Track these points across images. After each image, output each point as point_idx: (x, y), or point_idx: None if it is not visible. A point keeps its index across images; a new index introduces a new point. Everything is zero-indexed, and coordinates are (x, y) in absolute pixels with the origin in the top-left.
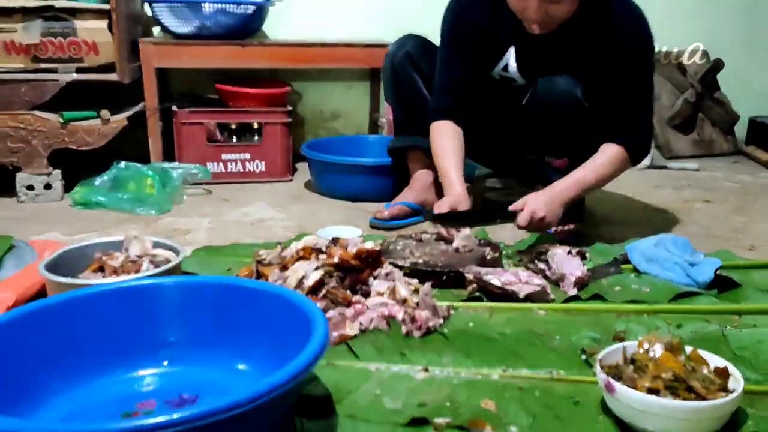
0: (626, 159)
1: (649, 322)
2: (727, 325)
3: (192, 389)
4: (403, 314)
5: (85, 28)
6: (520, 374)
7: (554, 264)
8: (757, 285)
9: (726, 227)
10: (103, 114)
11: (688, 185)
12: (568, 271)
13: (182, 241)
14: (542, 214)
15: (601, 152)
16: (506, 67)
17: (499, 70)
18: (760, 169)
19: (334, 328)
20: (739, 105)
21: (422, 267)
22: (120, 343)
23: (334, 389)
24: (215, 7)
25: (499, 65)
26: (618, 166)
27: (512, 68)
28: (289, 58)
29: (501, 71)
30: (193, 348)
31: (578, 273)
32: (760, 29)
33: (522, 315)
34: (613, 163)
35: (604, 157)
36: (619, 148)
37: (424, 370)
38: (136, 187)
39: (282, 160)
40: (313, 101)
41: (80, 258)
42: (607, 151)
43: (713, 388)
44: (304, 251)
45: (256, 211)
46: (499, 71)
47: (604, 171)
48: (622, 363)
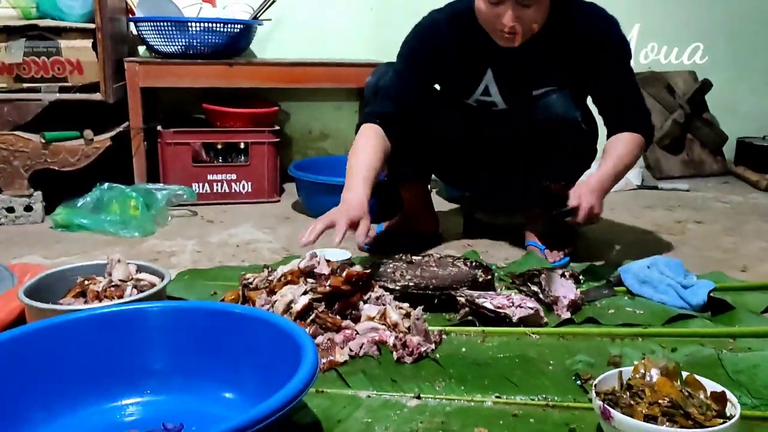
0: (643, 143)
1: (643, 345)
2: (722, 349)
3: (176, 419)
4: (394, 339)
5: (69, 48)
6: (514, 401)
7: (547, 287)
8: (750, 307)
9: (718, 248)
10: (87, 134)
11: (679, 206)
12: (561, 294)
13: (166, 264)
14: (598, 209)
15: (619, 142)
16: (486, 90)
17: (477, 96)
18: (749, 190)
19: (323, 354)
20: (726, 126)
21: (413, 290)
22: (103, 372)
23: (323, 417)
24: (202, 26)
25: (478, 90)
26: (638, 152)
27: (493, 91)
28: (277, 78)
29: (480, 96)
30: (178, 376)
31: (572, 296)
32: (746, 49)
33: (515, 339)
34: (634, 149)
35: (626, 147)
36: (635, 135)
37: (416, 398)
38: (120, 208)
39: (269, 180)
40: (301, 121)
41: (61, 282)
42: (624, 139)
43: (710, 414)
44: (292, 275)
45: (243, 233)
46: (478, 96)
47: (629, 159)
48: (618, 389)
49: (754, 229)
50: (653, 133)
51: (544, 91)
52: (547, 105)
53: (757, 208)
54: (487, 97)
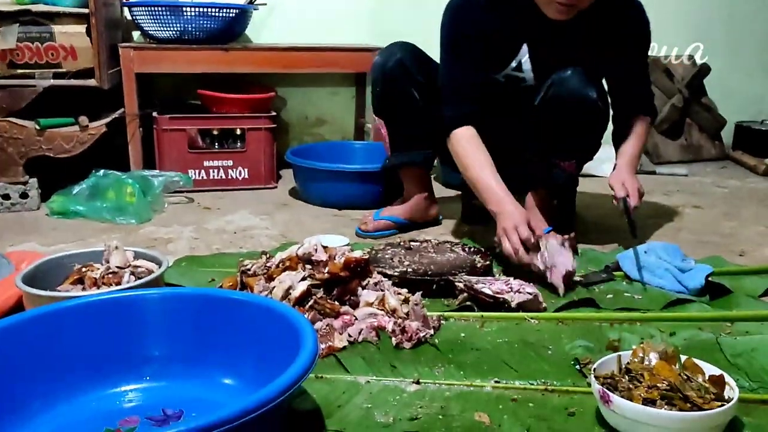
0: (650, 126)
1: (642, 330)
2: (720, 333)
3: (176, 405)
4: (392, 325)
5: (63, 33)
6: (513, 385)
7: (546, 252)
8: (748, 291)
9: (716, 233)
10: (82, 120)
11: (677, 191)
12: (559, 263)
13: (163, 250)
14: (642, 189)
15: (632, 126)
16: (519, 66)
17: (509, 71)
18: (748, 174)
19: (322, 340)
20: (725, 110)
21: (411, 276)
22: (101, 358)
23: (323, 403)
24: (197, 11)
25: (511, 65)
26: (648, 133)
27: (526, 66)
28: (273, 63)
29: (512, 71)
30: (177, 362)
31: (569, 267)
32: (744, 34)
33: (514, 325)
34: (646, 132)
35: (641, 130)
36: (645, 118)
37: (416, 383)
38: (116, 195)
39: (266, 166)
40: (298, 107)
41: (58, 269)
42: (637, 124)
43: (709, 397)
44: (290, 261)
45: (240, 220)
46: (509, 71)
47: (644, 142)
48: (617, 373)
49: (751, 214)
50: (657, 116)
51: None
52: (563, 81)
53: (755, 192)
54: (518, 73)
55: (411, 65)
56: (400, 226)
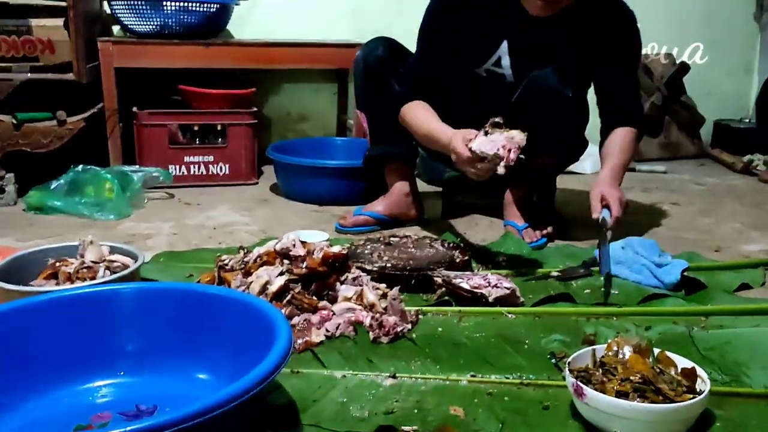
0: (638, 137)
1: (618, 324)
2: (695, 327)
3: (150, 400)
4: (370, 320)
5: (40, 26)
6: (489, 379)
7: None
8: (722, 286)
9: (693, 229)
10: (59, 115)
11: (656, 188)
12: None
13: (142, 246)
14: (624, 197)
15: (618, 137)
16: (498, 62)
17: (489, 66)
18: (725, 172)
19: (300, 335)
20: (703, 108)
21: (390, 270)
22: (74, 354)
23: (298, 398)
24: (177, 5)
25: (490, 60)
26: (635, 146)
27: (504, 62)
28: (254, 59)
29: (491, 66)
30: (152, 357)
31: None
32: (723, 33)
33: (491, 319)
34: (632, 144)
35: (626, 141)
36: (632, 129)
37: (392, 377)
38: (95, 191)
39: (247, 162)
40: (279, 102)
41: (32, 264)
42: (623, 135)
43: (680, 390)
44: (268, 256)
45: (220, 216)
46: (489, 66)
47: (631, 152)
48: (592, 366)
49: (728, 211)
50: (645, 129)
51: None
52: (540, 78)
53: (732, 189)
54: (498, 69)
55: (391, 59)
56: (380, 223)
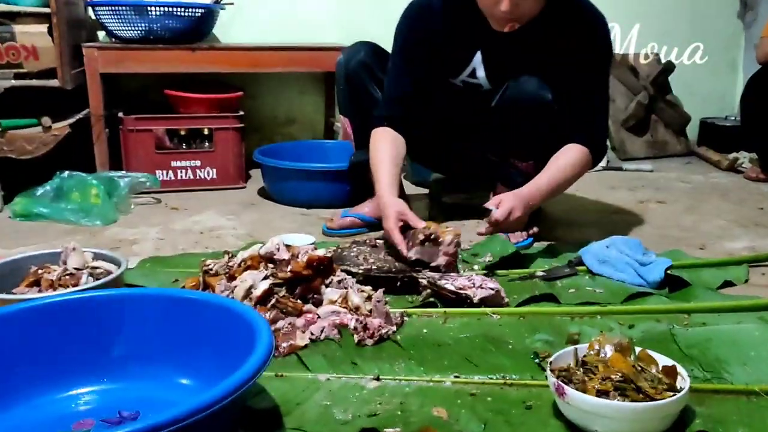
0: (589, 161)
1: (602, 323)
2: (675, 324)
3: (132, 406)
4: (354, 322)
5: (24, 33)
6: (472, 380)
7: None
8: (706, 283)
9: (678, 227)
10: (44, 121)
11: (642, 186)
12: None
13: (129, 252)
14: (519, 212)
15: (564, 154)
16: (473, 73)
17: (464, 77)
18: (711, 169)
19: (284, 339)
20: (689, 106)
21: (375, 273)
22: (56, 361)
23: (281, 401)
24: (162, 10)
25: (465, 72)
26: (581, 168)
27: (479, 74)
28: (240, 63)
29: (467, 77)
30: (134, 363)
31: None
32: (708, 32)
33: (476, 320)
34: (577, 165)
35: (568, 160)
36: (582, 149)
37: (376, 379)
38: (81, 197)
39: (234, 166)
40: (266, 106)
41: (15, 272)
42: (570, 153)
43: (661, 387)
44: (252, 260)
45: (207, 220)
46: (465, 78)
47: (569, 173)
48: (573, 365)
49: (713, 208)
50: (603, 154)
51: None
52: (520, 83)
53: (717, 187)
54: (473, 79)
55: (373, 64)
56: (368, 225)
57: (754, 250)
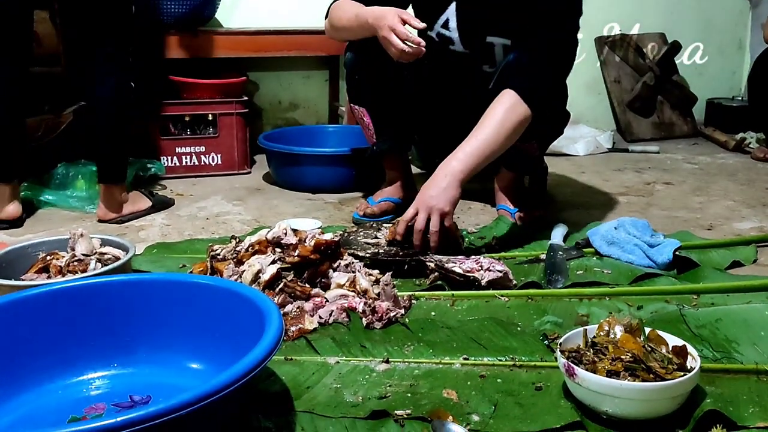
0: (525, 113)
1: (610, 304)
2: (686, 305)
3: (143, 391)
4: (363, 306)
5: None
6: (482, 362)
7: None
8: (714, 264)
9: (685, 208)
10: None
11: (649, 168)
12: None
13: (135, 238)
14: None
15: (498, 105)
16: (446, 23)
17: (438, 27)
18: (718, 150)
19: (293, 323)
20: (696, 87)
21: (383, 257)
22: (67, 346)
23: (292, 385)
24: None
25: (440, 21)
26: (518, 127)
27: (452, 24)
28: (244, 47)
29: (440, 28)
30: (144, 348)
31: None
32: (715, 11)
33: (484, 302)
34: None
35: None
36: (515, 98)
37: (385, 362)
38: (86, 184)
39: (239, 152)
40: (270, 91)
41: (24, 258)
42: (503, 102)
43: (671, 367)
44: (260, 245)
45: (213, 206)
46: (438, 29)
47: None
48: (583, 346)
49: (720, 189)
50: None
51: (501, 43)
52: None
53: (724, 167)
54: (446, 31)
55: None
56: (398, 207)
57: (762, 230)
